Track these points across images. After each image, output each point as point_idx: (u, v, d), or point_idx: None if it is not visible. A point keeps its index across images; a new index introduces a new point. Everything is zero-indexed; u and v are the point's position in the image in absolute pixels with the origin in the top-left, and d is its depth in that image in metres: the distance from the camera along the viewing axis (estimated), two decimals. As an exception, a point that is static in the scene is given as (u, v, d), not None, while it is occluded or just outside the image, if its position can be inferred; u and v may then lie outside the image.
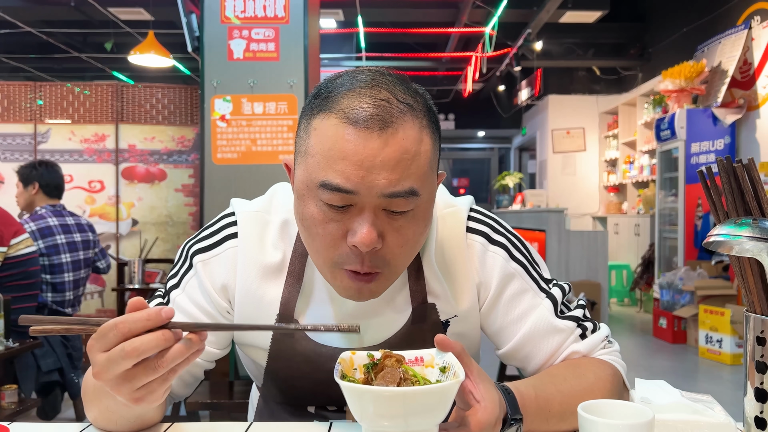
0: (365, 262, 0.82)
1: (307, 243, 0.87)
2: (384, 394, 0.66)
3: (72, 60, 9.16)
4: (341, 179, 0.78)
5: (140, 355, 0.66)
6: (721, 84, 5.82)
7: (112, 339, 0.67)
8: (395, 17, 8.09)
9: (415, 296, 0.97)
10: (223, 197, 3.77)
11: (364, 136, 0.78)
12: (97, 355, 0.68)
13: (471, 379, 0.75)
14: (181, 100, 4.84)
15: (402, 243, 0.83)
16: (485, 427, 0.72)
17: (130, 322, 0.67)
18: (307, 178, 0.82)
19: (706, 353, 5.00)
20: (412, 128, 0.80)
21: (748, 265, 0.72)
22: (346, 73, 0.85)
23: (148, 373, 0.68)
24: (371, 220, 0.80)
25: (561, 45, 8.82)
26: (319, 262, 0.87)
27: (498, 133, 13.30)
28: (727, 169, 0.73)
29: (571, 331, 0.97)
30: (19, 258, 2.90)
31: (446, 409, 0.69)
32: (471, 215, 1.02)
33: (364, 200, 0.79)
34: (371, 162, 0.77)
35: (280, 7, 3.78)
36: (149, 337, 0.66)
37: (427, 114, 0.84)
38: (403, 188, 0.79)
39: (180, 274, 1.00)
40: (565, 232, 6.09)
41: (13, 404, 2.56)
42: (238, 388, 2.72)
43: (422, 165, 0.81)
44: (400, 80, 0.84)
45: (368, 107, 0.79)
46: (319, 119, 0.81)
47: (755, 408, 0.71)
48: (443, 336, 0.75)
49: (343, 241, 0.82)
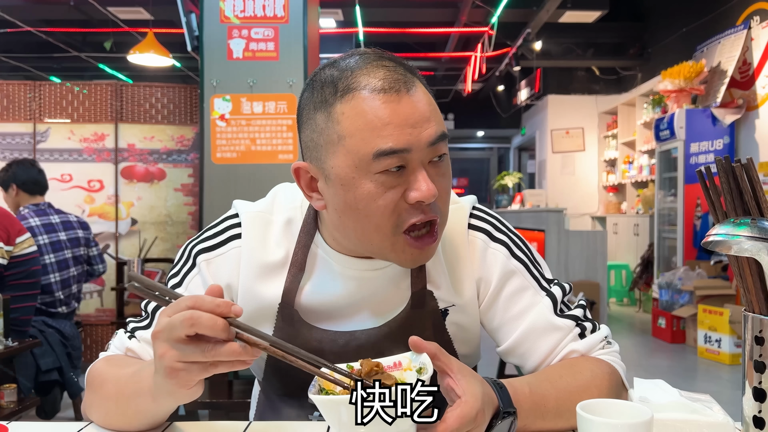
0: (430, 212, 0.87)
1: (362, 225, 0.88)
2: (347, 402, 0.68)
3: (71, 59, 9.15)
4: (393, 141, 0.83)
5: (193, 326, 0.68)
6: (721, 84, 5.82)
7: (181, 307, 0.70)
8: (395, 17, 8.09)
9: (415, 282, 0.98)
10: (223, 197, 3.77)
11: (396, 99, 0.84)
12: (162, 317, 0.72)
13: (452, 376, 0.76)
14: (180, 100, 4.83)
15: (446, 188, 0.91)
16: (465, 421, 0.73)
17: (200, 300, 0.70)
18: (354, 159, 0.84)
19: (704, 353, 5.00)
20: (417, 80, 0.89)
21: (747, 265, 0.73)
22: (337, 60, 0.90)
23: (196, 352, 0.70)
24: (428, 172, 0.86)
25: (560, 45, 8.82)
26: (380, 237, 0.88)
27: (497, 133, 13.30)
28: (725, 168, 0.73)
29: (569, 330, 0.98)
30: (22, 257, 2.89)
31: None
32: (474, 213, 1.04)
33: (414, 156, 0.85)
34: (412, 119, 0.84)
35: (280, 6, 3.78)
36: (207, 316, 0.69)
37: (421, 79, 0.92)
38: (439, 132, 0.87)
39: (182, 272, 1.01)
40: (565, 232, 6.09)
41: (12, 403, 2.56)
42: (238, 388, 2.73)
43: (437, 110, 0.90)
44: (388, 53, 0.91)
45: (387, 74, 0.85)
46: (343, 103, 0.85)
47: (753, 407, 0.71)
48: (417, 338, 0.77)
49: (402, 204, 0.86)
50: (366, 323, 0.99)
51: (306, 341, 0.98)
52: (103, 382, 0.90)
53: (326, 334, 0.98)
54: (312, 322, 0.99)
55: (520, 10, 7.32)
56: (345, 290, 0.98)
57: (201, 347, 0.69)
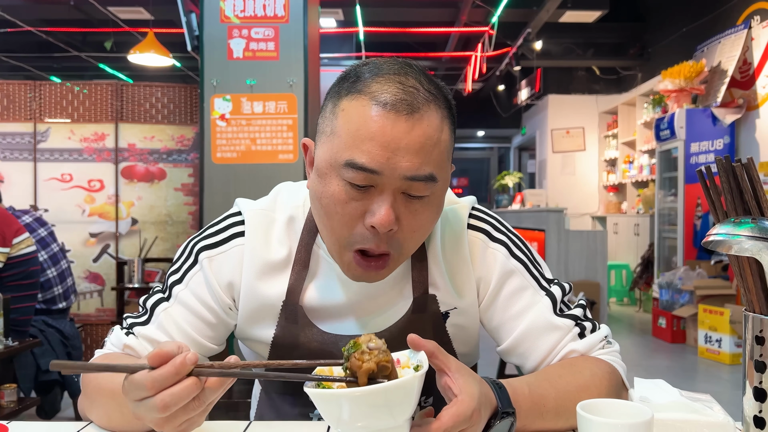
0: (380, 243, 0.85)
1: (322, 222, 0.89)
2: (346, 395, 0.67)
3: (72, 59, 9.15)
4: (367, 159, 0.81)
5: (171, 408, 0.68)
6: (721, 84, 5.82)
7: (142, 394, 0.69)
8: (395, 16, 8.09)
9: (416, 286, 0.98)
10: (223, 196, 3.77)
11: (392, 119, 0.81)
12: (131, 401, 0.71)
13: (449, 375, 0.76)
14: (180, 100, 4.83)
15: (415, 228, 0.87)
16: (460, 420, 0.73)
17: (159, 381, 0.68)
18: (332, 157, 0.84)
19: (705, 353, 5.00)
20: (436, 117, 0.84)
21: (747, 265, 0.72)
22: (373, 61, 0.88)
23: (187, 413, 0.70)
24: (391, 202, 0.83)
25: (560, 45, 8.82)
26: (332, 240, 0.89)
27: (497, 133, 13.30)
28: (726, 168, 0.73)
29: (568, 329, 0.98)
30: (21, 258, 2.89)
31: (411, 404, 0.70)
32: (473, 213, 1.04)
33: (385, 181, 0.82)
34: (397, 144, 0.81)
35: (280, 6, 3.78)
36: (178, 389, 0.68)
37: (447, 107, 0.88)
38: (423, 173, 0.82)
39: (183, 269, 1.00)
40: (565, 231, 6.09)
41: (12, 403, 2.56)
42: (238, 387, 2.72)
43: (441, 152, 0.85)
44: (424, 73, 0.88)
45: (397, 92, 0.82)
46: (348, 100, 0.84)
47: (754, 407, 0.71)
48: (415, 336, 0.77)
49: (360, 222, 0.84)
50: (367, 327, 0.99)
51: (307, 341, 0.98)
52: (99, 383, 0.89)
53: (327, 336, 0.98)
54: (315, 322, 0.99)
55: (520, 9, 7.32)
56: (347, 293, 0.98)
57: (187, 407, 0.69)
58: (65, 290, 3.36)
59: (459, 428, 0.73)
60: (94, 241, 4.69)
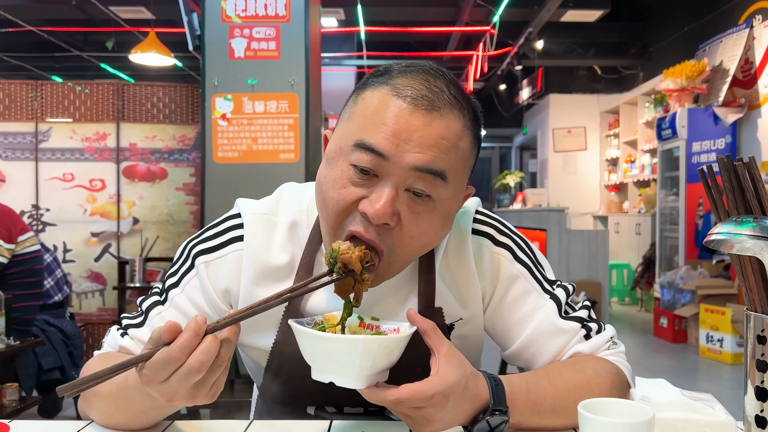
0: (369, 228, 0.82)
1: (320, 208, 0.87)
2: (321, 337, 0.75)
3: (73, 59, 9.16)
4: (377, 140, 0.80)
5: (206, 367, 0.69)
6: (723, 83, 5.81)
7: (172, 368, 0.69)
8: (396, 16, 8.09)
9: (422, 299, 0.96)
10: (224, 196, 3.77)
11: (409, 111, 0.80)
12: (158, 386, 0.71)
13: (436, 357, 0.78)
14: (182, 99, 4.84)
15: (415, 233, 0.83)
16: (416, 397, 0.74)
17: (187, 346, 0.69)
18: (343, 141, 0.84)
19: (706, 353, 5.00)
20: (457, 122, 0.82)
21: (749, 264, 0.72)
22: (407, 62, 0.88)
23: (214, 373, 0.72)
24: (391, 195, 0.80)
25: (562, 44, 8.82)
26: (328, 226, 0.86)
27: (499, 132, 13.29)
28: (727, 167, 0.72)
29: (575, 332, 0.97)
30: (25, 256, 2.89)
31: (368, 361, 0.74)
32: (476, 217, 1.02)
33: (391, 171, 0.80)
34: (409, 135, 0.79)
35: (281, 5, 3.78)
36: (205, 347, 0.70)
37: (473, 119, 0.86)
38: (435, 167, 0.80)
39: (180, 273, 0.98)
40: (566, 231, 6.08)
41: (14, 402, 2.56)
42: (239, 387, 2.73)
43: (458, 158, 0.83)
44: (455, 82, 0.86)
45: (421, 88, 0.81)
46: (371, 90, 0.84)
47: (756, 407, 0.71)
48: (413, 311, 0.80)
49: (356, 208, 0.82)
50: None
51: None
52: (99, 391, 0.87)
53: None
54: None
55: (521, 9, 7.32)
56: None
57: (214, 365, 0.71)
58: (56, 282, 3.35)
59: (414, 404, 0.74)
60: (96, 240, 4.70)
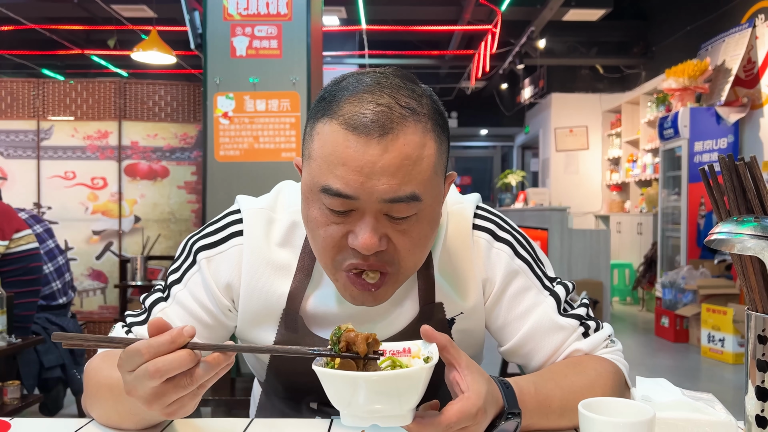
0: (371, 260, 0.83)
1: (312, 245, 0.88)
2: (364, 377, 0.67)
3: (75, 57, 9.17)
4: (341, 184, 0.78)
5: (164, 375, 0.68)
6: (725, 83, 5.80)
7: (137, 361, 0.69)
8: (398, 14, 8.09)
9: (423, 295, 0.97)
10: (226, 194, 3.78)
11: (363, 143, 0.78)
12: (125, 374, 0.71)
13: (458, 371, 0.76)
14: (183, 97, 4.84)
15: (409, 246, 0.84)
16: (464, 417, 0.72)
17: (155, 347, 0.68)
18: (311, 182, 0.83)
19: (708, 352, 4.99)
20: (414, 133, 0.80)
21: (750, 264, 0.72)
22: (351, 75, 0.85)
23: (177, 390, 0.70)
24: (372, 225, 0.80)
25: (564, 43, 8.81)
26: (323, 263, 0.88)
27: (501, 132, 13.29)
28: (729, 167, 0.72)
29: (573, 329, 0.98)
30: (21, 254, 2.90)
31: (417, 394, 0.69)
32: (477, 213, 1.02)
33: (365, 205, 0.80)
34: (371, 168, 0.78)
35: (283, 4, 3.78)
36: (172, 357, 0.68)
37: (432, 117, 0.83)
38: (404, 193, 0.79)
39: (182, 269, 1.00)
40: (568, 230, 6.08)
41: (15, 400, 2.57)
42: (240, 385, 2.73)
43: (425, 170, 0.81)
44: (405, 83, 0.83)
45: (369, 113, 0.78)
46: (322, 124, 0.82)
47: (756, 406, 0.71)
48: (429, 327, 0.76)
49: (345, 243, 0.83)
50: None
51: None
52: (99, 381, 0.89)
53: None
54: (316, 332, 0.97)
55: (523, 8, 7.31)
56: (349, 305, 0.96)
57: (179, 384, 0.69)
58: (63, 285, 3.36)
59: (463, 425, 0.73)
60: (97, 238, 4.71)
